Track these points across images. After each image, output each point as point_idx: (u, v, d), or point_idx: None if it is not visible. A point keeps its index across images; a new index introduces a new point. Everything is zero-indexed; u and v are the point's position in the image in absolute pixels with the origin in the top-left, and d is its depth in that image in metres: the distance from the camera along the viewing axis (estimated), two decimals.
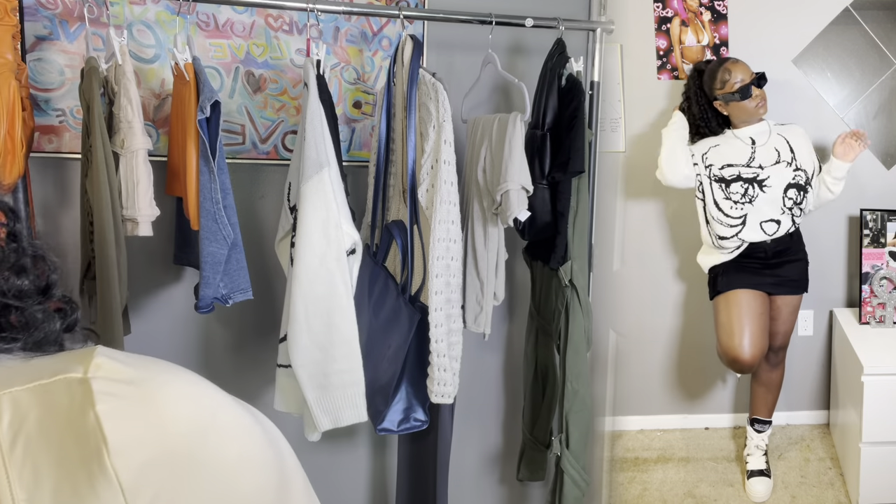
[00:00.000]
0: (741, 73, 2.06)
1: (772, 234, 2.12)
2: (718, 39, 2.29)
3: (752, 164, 2.10)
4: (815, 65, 2.32)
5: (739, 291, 2.14)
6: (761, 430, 2.32)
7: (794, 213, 2.12)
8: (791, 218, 2.12)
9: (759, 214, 2.11)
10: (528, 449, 2.17)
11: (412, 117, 1.58)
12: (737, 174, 2.11)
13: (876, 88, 2.35)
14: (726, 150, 2.13)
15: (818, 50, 2.31)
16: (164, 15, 1.71)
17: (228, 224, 1.48)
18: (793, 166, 2.10)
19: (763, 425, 2.32)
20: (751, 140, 2.12)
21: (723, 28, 2.29)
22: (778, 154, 2.11)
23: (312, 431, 1.57)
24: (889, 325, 2.34)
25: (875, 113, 2.37)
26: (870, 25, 2.30)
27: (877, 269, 2.36)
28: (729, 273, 2.19)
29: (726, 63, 2.08)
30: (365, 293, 1.67)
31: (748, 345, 2.06)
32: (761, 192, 2.09)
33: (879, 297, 2.34)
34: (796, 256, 2.19)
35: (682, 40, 2.29)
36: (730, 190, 2.11)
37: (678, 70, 2.31)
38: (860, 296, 2.36)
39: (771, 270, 2.17)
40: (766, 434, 2.33)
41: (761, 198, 2.10)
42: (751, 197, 2.10)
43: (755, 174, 2.09)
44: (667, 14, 2.27)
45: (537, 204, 1.78)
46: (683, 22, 2.28)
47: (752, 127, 2.13)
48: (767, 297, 2.18)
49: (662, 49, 2.30)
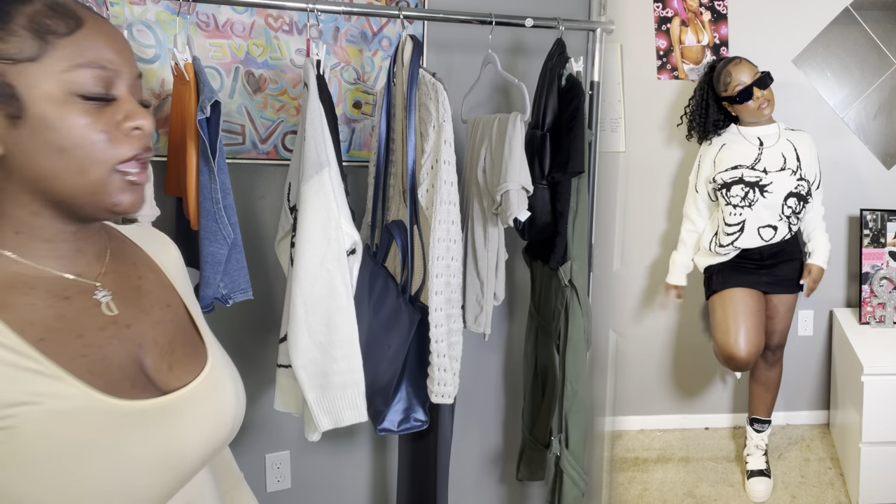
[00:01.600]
0: (743, 74, 2.05)
1: (768, 241, 2.13)
2: (718, 39, 2.29)
3: (757, 168, 2.10)
4: (815, 65, 2.32)
5: (735, 290, 2.16)
6: (761, 430, 2.33)
7: (791, 221, 2.13)
8: (788, 225, 2.13)
9: (757, 220, 2.11)
10: (527, 449, 2.17)
11: (412, 117, 1.58)
12: (739, 176, 2.10)
13: (876, 88, 2.35)
14: (735, 150, 2.14)
15: (818, 50, 2.31)
16: (164, 15, 1.71)
17: (228, 224, 1.48)
18: (797, 175, 2.10)
19: (762, 425, 2.32)
20: (759, 140, 2.12)
21: (723, 28, 2.29)
22: (784, 160, 2.10)
23: (313, 431, 1.57)
24: (889, 325, 2.34)
25: (875, 113, 2.37)
26: (870, 25, 2.30)
27: (877, 269, 2.36)
28: (724, 272, 2.20)
29: (729, 65, 2.08)
30: (365, 293, 1.67)
31: (744, 342, 2.07)
32: (762, 196, 2.09)
33: (879, 297, 2.34)
34: (791, 256, 2.19)
35: (682, 40, 2.29)
36: (730, 193, 2.11)
37: (678, 70, 2.31)
38: (860, 296, 2.36)
39: (766, 270, 2.18)
40: (766, 434, 2.34)
41: (761, 202, 2.10)
42: (751, 201, 2.10)
43: (758, 178, 2.09)
44: (667, 14, 2.27)
45: (537, 204, 1.78)
46: (683, 22, 2.28)
47: (762, 127, 2.13)
48: (763, 296, 2.19)
49: (662, 49, 2.30)
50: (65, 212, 0.69)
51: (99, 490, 0.63)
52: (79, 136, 0.65)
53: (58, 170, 0.65)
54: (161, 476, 0.69)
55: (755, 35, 2.28)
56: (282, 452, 2.06)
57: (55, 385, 0.63)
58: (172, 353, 0.77)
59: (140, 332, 0.74)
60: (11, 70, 0.63)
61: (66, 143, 0.65)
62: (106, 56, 0.67)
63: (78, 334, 0.68)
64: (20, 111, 0.64)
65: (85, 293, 0.71)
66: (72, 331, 0.67)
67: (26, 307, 0.65)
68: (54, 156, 0.65)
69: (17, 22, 0.64)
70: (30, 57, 0.64)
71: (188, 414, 0.73)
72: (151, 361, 0.74)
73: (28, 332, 0.64)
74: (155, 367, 0.74)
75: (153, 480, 0.68)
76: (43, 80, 0.64)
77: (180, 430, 0.72)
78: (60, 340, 0.66)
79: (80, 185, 0.66)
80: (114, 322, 0.72)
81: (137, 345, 0.73)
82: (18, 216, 0.68)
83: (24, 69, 0.64)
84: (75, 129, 0.65)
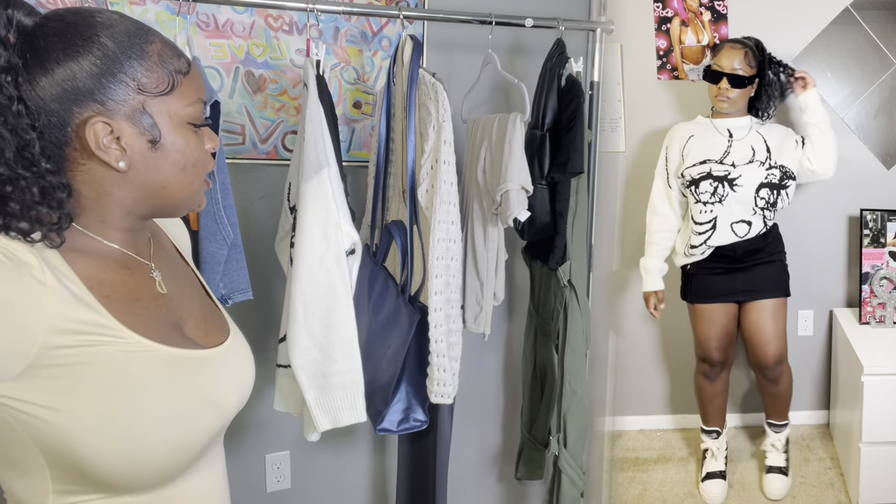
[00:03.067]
0: (726, 59, 2.03)
1: (742, 236, 2.09)
2: (718, 39, 2.28)
3: (725, 161, 2.06)
4: (815, 65, 2.32)
5: (706, 307, 2.18)
6: (779, 431, 2.30)
7: (766, 213, 2.08)
8: (763, 219, 2.09)
9: (729, 215, 2.07)
10: (526, 448, 2.17)
11: (412, 117, 1.58)
12: (707, 171, 2.07)
13: (876, 88, 2.35)
14: (704, 142, 2.10)
15: (818, 50, 2.31)
16: (164, 15, 1.71)
17: (228, 224, 1.48)
18: (766, 165, 2.06)
19: (779, 427, 2.31)
20: (728, 132, 2.09)
21: (723, 28, 2.29)
22: (753, 153, 2.07)
23: (312, 431, 1.57)
24: (889, 325, 2.34)
25: (875, 113, 2.37)
26: (870, 25, 2.30)
27: (877, 269, 2.36)
28: (698, 279, 2.17)
29: (730, 42, 2.07)
30: (364, 293, 1.67)
31: (715, 352, 2.23)
32: (732, 191, 2.05)
33: (879, 297, 2.34)
34: (769, 258, 2.14)
35: (682, 40, 2.29)
36: (699, 190, 2.08)
37: (678, 70, 2.31)
38: (860, 296, 2.36)
39: (742, 275, 2.13)
40: (784, 434, 2.30)
41: (732, 197, 2.06)
42: (721, 196, 2.06)
43: (726, 172, 2.06)
44: (667, 14, 2.27)
45: (536, 204, 1.78)
46: (683, 22, 2.28)
47: (733, 119, 2.10)
48: (736, 307, 2.19)
49: (662, 49, 2.30)
50: (151, 211, 0.82)
51: (164, 417, 0.77)
52: (194, 156, 0.81)
53: (175, 183, 0.80)
54: (210, 413, 0.83)
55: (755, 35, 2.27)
56: (282, 452, 2.07)
57: (116, 333, 0.75)
58: (205, 322, 0.90)
59: (180, 305, 0.87)
60: (151, 102, 0.76)
61: (187, 162, 0.80)
62: (202, 92, 0.83)
63: (136, 297, 0.80)
64: (158, 137, 0.77)
65: (142, 267, 0.84)
66: (131, 294, 0.80)
67: (96, 269, 0.78)
68: (176, 172, 0.79)
69: (152, 59, 0.76)
70: (164, 91, 0.77)
71: (224, 367, 0.87)
72: (190, 330, 0.87)
73: (96, 288, 0.76)
74: (193, 334, 0.87)
75: (205, 416, 0.82)
76: (173, 112, 0.78)
77: (220, 379, 0.86)
78: (122, 299, 0.78)
79: (186, 193, 0.82)
80: (162, 295, 0.85)
81: (179, 315, 0.86)
82: (111, 212, 0.79)
83: (161, 101, 0.77)
84: (193, 151, 0.80)
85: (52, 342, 0.69)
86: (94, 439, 0.72)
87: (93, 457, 0.73)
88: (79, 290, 0.73)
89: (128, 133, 0.75)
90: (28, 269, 0.69)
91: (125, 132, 0.75)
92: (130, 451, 0.74)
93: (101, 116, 0.73)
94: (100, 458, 0.73)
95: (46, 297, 0.70)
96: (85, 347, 0.72)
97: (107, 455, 0.73)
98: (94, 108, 0.73)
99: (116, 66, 0.73)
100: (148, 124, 0.76)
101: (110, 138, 0.74)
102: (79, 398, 0.71)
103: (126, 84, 0.74)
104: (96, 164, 0.75)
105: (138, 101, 0.75)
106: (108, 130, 0.74)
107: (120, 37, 0.74)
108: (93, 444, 0.72)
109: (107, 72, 0.73)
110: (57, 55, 0.71)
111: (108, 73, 0.73)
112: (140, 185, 0.78)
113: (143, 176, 0.78)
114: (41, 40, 0.71)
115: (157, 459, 0.77)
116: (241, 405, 0.91)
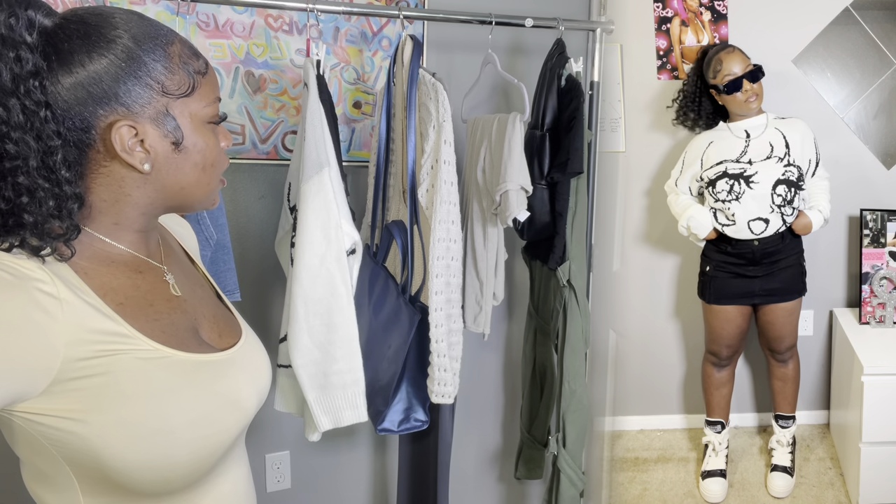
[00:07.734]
0: (735, 64, 2.01)
1: (759, 234, 2.09)
2: (718, 39, 2.29)
3: (742, 160, 2.06)
4: (815, 65, 2.32)
5: (723, 308, 2.20)
6: (785, 426, 2.31)
7: (784, 211, 2.07)
8: (781, 216, 2.07)
9: (746, 213, 2.07)
10: (525, 447, 2.17)
11: (412, 117, 1.58)
12: (722, 171, 2.07)
13: (876, 88, 2.35)
14: (721, 146, 2.11)
15: (818, 50, 2.31)
16: (164, 15, 1.71)
17: (211, 225, 1.47)
18: (784, 161, 2.05)
19: (787, 421, 2.31)
20: (745, 133, 2.09)
21: (723, 28, 2.29)
22: (771, 148, 2.06)
23: (313, 431, 1.57)
24: (889, 325, 2.34)
25: (875, 113, 2.37)
26: (870, 25, 2.30)
27: (877, 269, 2.36)
28: (717, 281, 2.18)
29: (721, 52, 2.04)
30: (365, 293, 1.67)
31: (726, 348, 2.26)
32: (748, 188, 2.05)
33: (879, 297, 2.34)
34: (787, 262, 2.14)
35: (682, 40, 2.29)
36: (716, 190, 2.08)
37: (678, 70, 2.31)
38: (860, 296, 2.36)
39: (761, 280, 2.14)
40: (790, 430, 2.31)
41: (748, 194, 2.05)
42: (737, 194, 2.06)
43: (742, 170, 2.05)
44: (667, 14, 2.27)
45: (536, 204, 1.79)
46: (683, 22, 2.28)
47: (749, 120, 2.09)
48: (751, 309, 2.22)
49: (662, 49, 2.30)
50: (166, 210, 0.82)
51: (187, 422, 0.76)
52: (213, 156, 0.81)
53: (195, 183, 0.80)
54: (231, 415, 0.83)
55: (755, 35, 2.28)
56: (282, 452, 2.07)
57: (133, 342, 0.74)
58: (218, 324, 0.90)
59: (194, 307, 0.87)
60: (174, 104, 0.76)
61: (206, 162, 0.80)
62: (218, 90, 0.83)
63: (150, 303, 0.79)
64: (181, 138, 0.77)
65: (154, 270, 0.83)
66: (145, 299, 0.79)
67: (108, 276, 0.77)
68: (196, 173, 0.79)
69: (173, 61, 0.75)
70: (185, 93, 0.76)
71: (241, 367, 0.87)
72: (205, 332, 0.86)
73: (110, 296, 0.75)
74: (208, 336, 0.86)
75: (227, 418, 0.82)
76: (194, 113, 0.77)
77: (239, 380, 0.85)
78: (136, 305, 0.77)
79: (205, 192, 0.82)
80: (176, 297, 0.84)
81: (193, 318, 0.85)
82: (127, 213, 0.78)
83: (182, 103, 0.76)
84: (212, 151, 0.80)
85: (74, 354, 0.69)
86: (120, 448, 0.72)
87: (120, 465, 0.73)
88: (92, 300, 0.72)
89: (152, 135, 0.75)
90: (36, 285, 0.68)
91: (149, 135, 0.74)
92: (156, 457, 0.74)
93: (126, 120, 0.72)
94: (127, 465, 0.73)
95: (62, 310, 0.68)
96: (105, 357, 0.71)
97: (133, 462, 0.73)
98: (119, 110, 0.72)
99: (141, 68, 0.73)
100: (172, 127, 0.76)
101: (135, 141, 0.74)
102: (103, 408, 0.71)
103: (150, 87, 0.73)
104: (119, 165, 0.75)
105: (162, 104, 0.75)
106: (134, 133, 0.73)
107: (142, 38, 0.73)
108: (119, 453, 0.72)
109: (131, 74, 0.72)
110: (81, 57, 0.70)
111: (132, 76, 0.72)
112: (160, 186, 0.78)
113: (165, 177, 0.77)
114: (64, 42, 0.70)
115: (182, 463, 0.77)
116: (260, 403, 0.91)
